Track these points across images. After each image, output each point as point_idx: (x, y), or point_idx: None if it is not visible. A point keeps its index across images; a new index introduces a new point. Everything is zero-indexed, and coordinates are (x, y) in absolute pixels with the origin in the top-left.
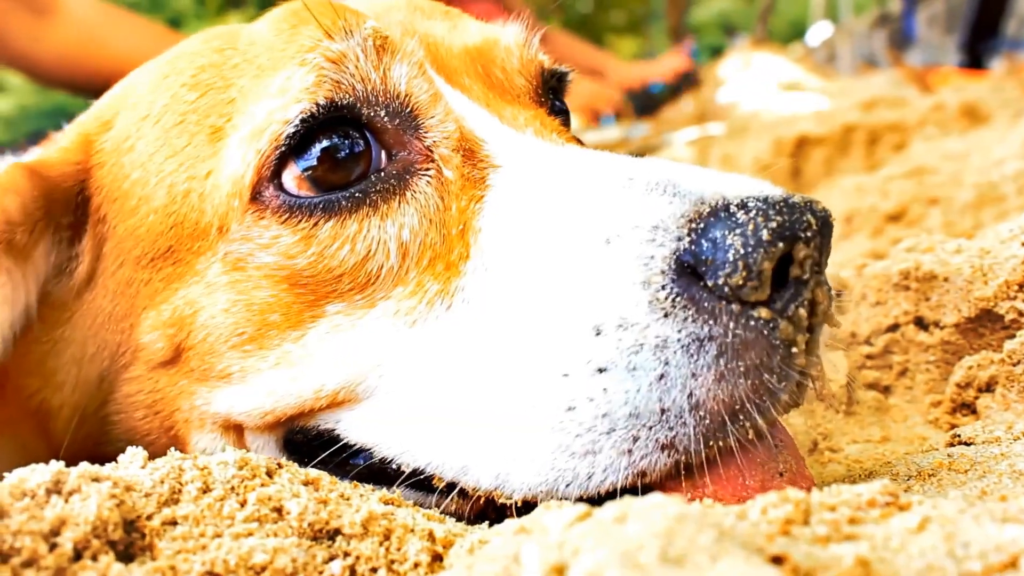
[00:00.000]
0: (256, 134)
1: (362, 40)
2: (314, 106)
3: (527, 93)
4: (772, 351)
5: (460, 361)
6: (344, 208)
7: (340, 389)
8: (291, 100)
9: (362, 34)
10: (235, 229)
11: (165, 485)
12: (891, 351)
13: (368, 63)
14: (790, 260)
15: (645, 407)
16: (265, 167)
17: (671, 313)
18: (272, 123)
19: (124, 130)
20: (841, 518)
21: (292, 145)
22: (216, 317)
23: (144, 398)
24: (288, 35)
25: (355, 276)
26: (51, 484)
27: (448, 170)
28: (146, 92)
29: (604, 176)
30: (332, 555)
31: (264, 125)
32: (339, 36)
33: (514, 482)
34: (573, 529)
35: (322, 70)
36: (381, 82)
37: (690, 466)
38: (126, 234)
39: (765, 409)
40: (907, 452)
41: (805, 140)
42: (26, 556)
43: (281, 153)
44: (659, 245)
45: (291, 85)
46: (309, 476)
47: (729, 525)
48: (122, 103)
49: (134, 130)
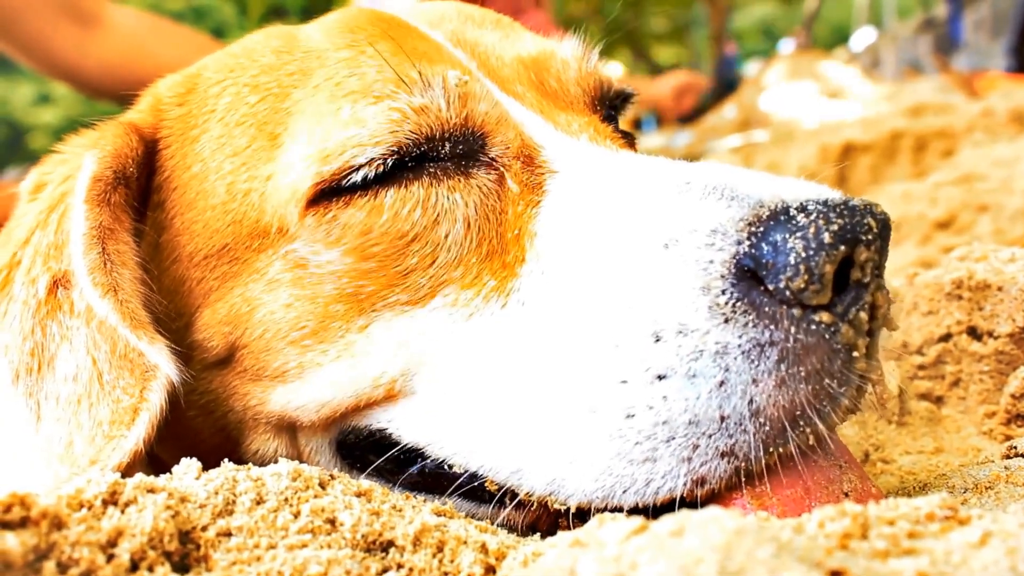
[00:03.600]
0: (324, 158)
1: (443, 91)
2: (389, 150)
3: (581, 101)
4: (833, 356)
5: (516, 361)
6: (405, 177)
7: (398, 377)
8: (368, 141)
9: (442, 85)
10: (298, 229)
11: (219, 496)
12: (944, 361)
13: (451, 110)
14: (850, 263)
15: (705, 415)
16: (330, 183)
17: (731, 318)
18: (347, 150)
19: (192, 117)
20: (900, 532)
21: (358, 173)
22: (276, 312)
23: (196, 399)
24: (350, 58)
25: (425, 244)
26: (107, 495)
27: (509, 175)
28: (213, 84)
29: (660, 180)
30: (385, 567)
31: (336, 150)
32: (418, 89)
33: (569, 487)
34: (630, 542)
35: (404, 117)
36: (461, 122)
37: (750, 473)
38: (182, 228)
39: (826, 415)
40: (962, 464)
41: (851, 147)
42: (84, 567)
43: (346, 175)
44: (718, 249)
45: (366, 118)
46: (361, 487)
47: (787, 539)
48: (194, 84)
49: (200, 120)
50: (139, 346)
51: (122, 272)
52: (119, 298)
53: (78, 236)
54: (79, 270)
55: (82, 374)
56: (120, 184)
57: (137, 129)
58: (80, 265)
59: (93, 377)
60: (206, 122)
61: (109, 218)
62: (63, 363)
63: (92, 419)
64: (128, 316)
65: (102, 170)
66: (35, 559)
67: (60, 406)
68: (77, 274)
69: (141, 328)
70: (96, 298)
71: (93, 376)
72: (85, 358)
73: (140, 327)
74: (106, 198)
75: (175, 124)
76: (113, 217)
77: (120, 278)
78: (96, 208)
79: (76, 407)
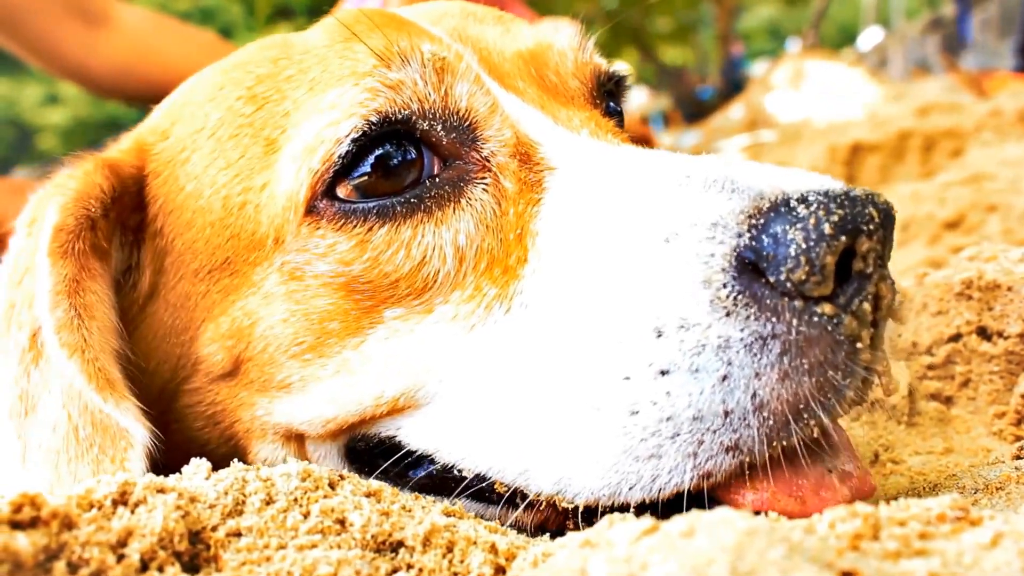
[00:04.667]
0: (309, 152)
1: (420, 67)
2: (366, 122)
3: (581, 95)
4: (836, 347)
5: (520, 364)
6: (398, 213)
7: (400, 395)
8: (343, 115)
9: (419, 60)
10: (291, 240)
11: (229, 496)
12: (953, 361)
13: (428, 86)
14: (852, 254)
15: (709, 409)
16: (319, 184)
17: (733, 312)
18: (324, 141)
19: (179, 141)
20: (911, 533)
21: (345, 164)
22: (275, 327)
23: (204, 409)
24: (342, 50)
25: (411, 281)
26: (117, 495)
27: (505, 177)
28: (201, 103)
29: (661, 174)
30: (395, 567)
31: (316, 143)
32: (395, 64)
33: (576, 486)
34: (640, 543)
35: (377, 91)
36: (441, 100)
37: (754, 466)
38: (184, 248)
39: (830, 407)
40: (972, 464)
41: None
42: (94, 567)
43: (335, 171)
44: (719, 242)
45: (342, 101)
46: (371, 488)
47: (798, 539)
48: (178, 113)
49: (189, 142)
50: (105, 409)
51: (90, 326)
52: (86, 357)
53: (43, 292)
54: (47, 327)
55: (60, 427)
56: (85, 229)
57: (110, 165)
58: (47, 322)
59: (70, 431)
60: (195, 141)
61: (75, 268)
62: (44, 411)
63: (71, 474)
64: (95, 376)
65: (64, 219)
66: (45, 559)
67: (43, 453)
68: (45, 331)
69: (108, 388)
70: (63, 359)
71: (70, 431)
72: (62, 411)
73: (107, 387)
74: (70, 248)
75: (162, 153)
76: (79, 266)
77: (88, 334)
78: (60, 260)
79: (56, 458)
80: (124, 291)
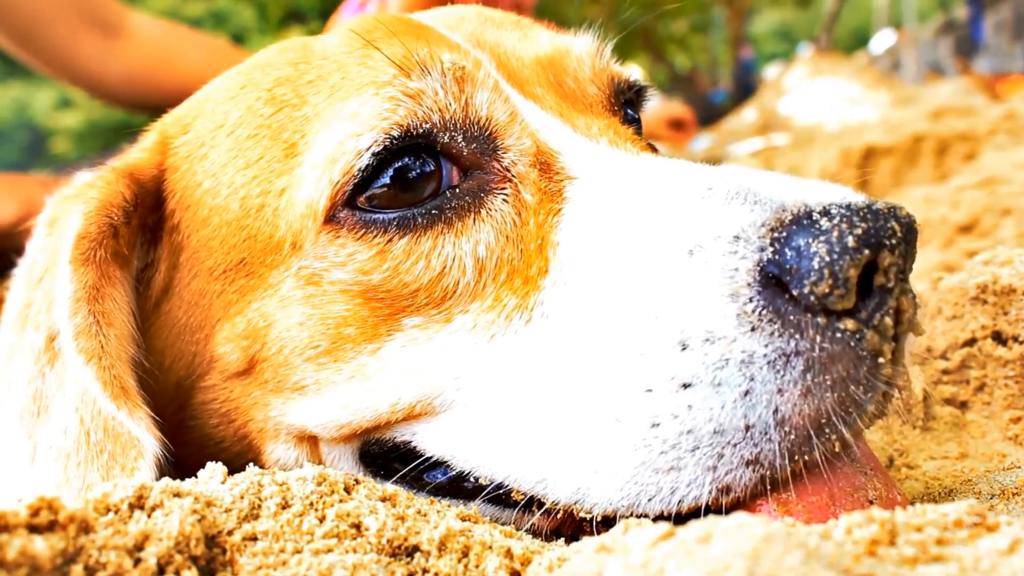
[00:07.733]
0: (330, 162)
1: (440, 76)
2: (387, 136)
3: (599, 102)
4: (859, 363)
5: (540, 374)
6: (419, 224)
7: (416, 403)
8: (365, 127)
9: (439, 69)
10: (309, 246)
11: (245, 500)
12: (968, 366)
13: (448, 96)
14: (874, 268)
15: (729, 424)
16: (339, 195)
17: (758, 327)
18: (345, 152)
19: (199, 136)
20: (928, 539)
21: (365, 176)
22: (291, 330)
23: (219, 407)
24: (362, 57)
25: (431, 292)
26: (134, 499)
27: (525, 187)
28: (222, 102)
29: (683, 185)
30: (411, 572)
31: (337, 154)
32: (415, 73)
33: (594, 496)
34: (657, 548)
35: (398, 101)
36: (462, 110)
37: (775, 480)
38: (200, 245)
39: (851, 422)
40: (987, 470)
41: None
42: (111, 571)
43: (355, 183)
44: (742, 257)
45: (363, 111)
46: (386, 492)
47: (815, 545)
48: (199, 109)
49: (209, 138)
50: (119, 416)
51: (108, 333)
52: (103, 364)
53: (63, 298)
54: (65, 333)
55: (71, 430)
56: (107, 237)
57: (131, 172)
58: (66, 328)
59: (81, 436)
60: (214, 138)
61: (96, 276)
62: (57, 414)
63: (80, 478)
64: (110, 383)
65: (86, 226)
66: (63, 563)
67: (52, 454)
68: (63, 336)
69: (123, 396)
70: (80, 365)
71: (81, 435)
72: (74, 415)
73: (122, 395)
74: (92, 255)
75: (182, 147)
76: (100, 273)
77: (106, 341)
78: (81, 268)
79: (66, 461)
80: (140, 288)
